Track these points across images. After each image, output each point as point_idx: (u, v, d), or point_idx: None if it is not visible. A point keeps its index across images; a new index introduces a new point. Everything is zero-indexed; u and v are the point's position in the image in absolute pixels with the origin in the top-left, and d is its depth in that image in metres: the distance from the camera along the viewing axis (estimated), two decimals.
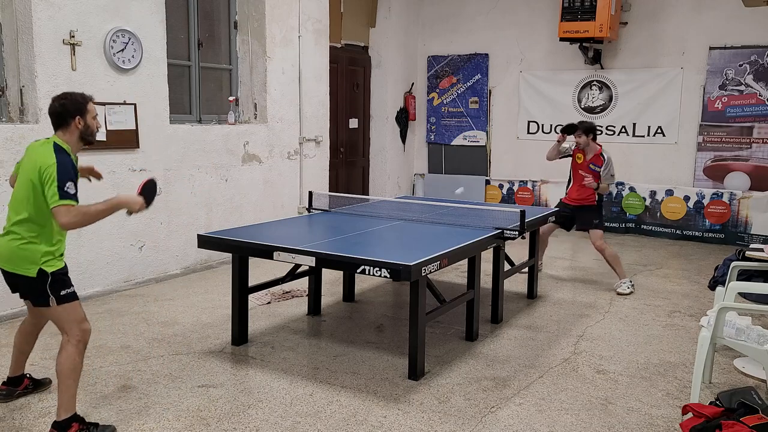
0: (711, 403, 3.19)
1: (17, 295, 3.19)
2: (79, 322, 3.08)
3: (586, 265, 6.83)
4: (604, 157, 5.77)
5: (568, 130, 5.88)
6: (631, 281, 5.80)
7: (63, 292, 3.04)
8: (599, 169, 5.76)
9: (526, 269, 5.59)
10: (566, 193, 6.31)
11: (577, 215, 5.95)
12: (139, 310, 5.03)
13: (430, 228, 4.68)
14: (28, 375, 3.56)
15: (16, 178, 3.19)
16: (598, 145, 5.88)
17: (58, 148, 3.02)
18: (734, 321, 3.41)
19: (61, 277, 3.07)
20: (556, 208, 5.93)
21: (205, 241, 4.20)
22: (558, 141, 5.94)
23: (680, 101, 8.17)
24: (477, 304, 4.46)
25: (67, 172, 2.95)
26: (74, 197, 2.94)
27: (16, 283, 3.12)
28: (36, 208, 3.01)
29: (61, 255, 3.13)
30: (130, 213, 3.21)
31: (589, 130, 5.79)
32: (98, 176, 3.55)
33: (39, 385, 3.59)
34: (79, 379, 3.10)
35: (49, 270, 3.03)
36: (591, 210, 5.87)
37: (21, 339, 3.49)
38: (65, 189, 2.91)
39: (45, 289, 3.02)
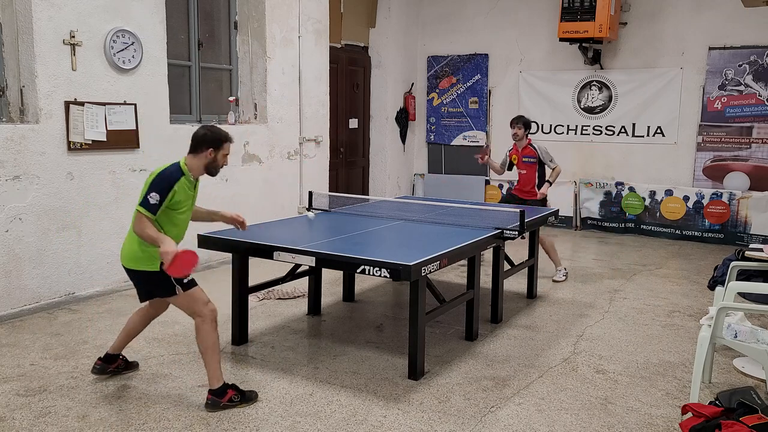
0: (710, 403, 3.19)
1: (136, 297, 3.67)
2: (205, 303, 3.44)
3: (585, 264, 6.83)
4: (534, 147, 6.08)
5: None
6: (565, 269, 6.22)
7: (185, 280, 3.38)
8: (534, 160, 6.06)
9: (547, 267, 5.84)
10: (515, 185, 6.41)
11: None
12: None
13: (430, 228, 4.68)
14: (122, 356, 3.82)
15: None
16: (528, 138, 6.17)
17: (174, 166, 3.38)
18: (733, 321, 3.41)
19: None
20: (509, 199, 6.37)
21: (205, 241, 4.20)
22: (482, 159, 6.22)
23: (680, 101, 8.18)
24: (477, 303, 4.47)
25: (159, 185, 3.28)
26: (150, 207, 3.25)
27: (140, 280, 3.46)
28: None
29: None
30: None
31: (528, 125, 6.14)
32: (243, 226, 3.89)
33: (129, 367, 3.85)
34: (218, 351, 3.44)
35: None
36: (535, 204, 5.97)
37: (135, 321, 3.76)
38: (147, 197, 3.26)
39: (169, 279, 3.33)
